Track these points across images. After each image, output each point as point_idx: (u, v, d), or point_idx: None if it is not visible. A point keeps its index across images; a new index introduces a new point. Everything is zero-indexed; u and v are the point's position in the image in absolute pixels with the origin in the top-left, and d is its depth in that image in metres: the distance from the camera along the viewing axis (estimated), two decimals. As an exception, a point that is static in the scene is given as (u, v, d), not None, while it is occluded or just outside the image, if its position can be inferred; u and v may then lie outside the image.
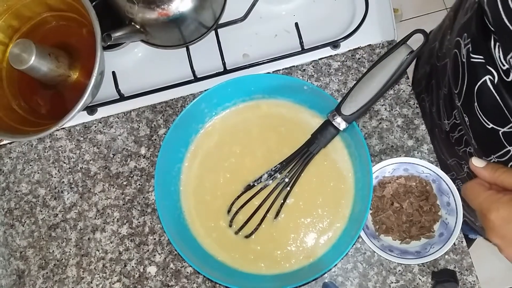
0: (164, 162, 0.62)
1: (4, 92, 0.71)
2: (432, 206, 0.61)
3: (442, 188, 0.61)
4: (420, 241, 0.61)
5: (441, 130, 0.67)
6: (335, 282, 0.62)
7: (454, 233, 0.58)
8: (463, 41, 0.53)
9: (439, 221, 0.62)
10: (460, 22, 0.56)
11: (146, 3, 0.60)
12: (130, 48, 0.74)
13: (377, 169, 0.61)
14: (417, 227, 0.61)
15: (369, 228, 0.62)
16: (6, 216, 0.71)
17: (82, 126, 0.72)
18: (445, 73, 0.62)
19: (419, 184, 0.62)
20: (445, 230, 0.60)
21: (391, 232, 0.62)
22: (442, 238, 0.60)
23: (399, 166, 0.62)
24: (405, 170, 0.63)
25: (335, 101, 0.59)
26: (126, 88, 0.71)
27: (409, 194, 0.62)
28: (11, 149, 0.73)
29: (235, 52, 0.71)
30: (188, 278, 0.65)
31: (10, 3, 0.69)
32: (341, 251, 0.57)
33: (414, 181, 0.62)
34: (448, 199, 0.60)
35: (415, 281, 0.62)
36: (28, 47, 0.63)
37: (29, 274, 0.68)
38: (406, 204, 0.61)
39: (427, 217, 0.61)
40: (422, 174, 0.62)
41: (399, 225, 0.61)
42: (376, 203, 0.63)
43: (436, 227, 0.61)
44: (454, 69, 0.56)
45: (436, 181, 0.61)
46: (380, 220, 0.62)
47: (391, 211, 0.61)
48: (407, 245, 0.62)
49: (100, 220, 0.69)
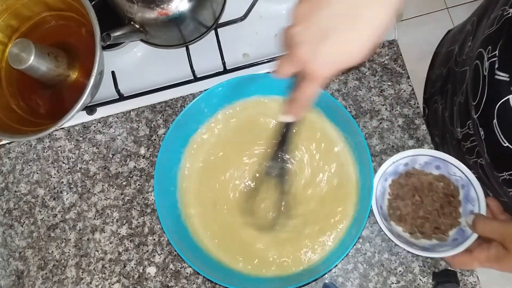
0: (164, 162, 0.61)
1: (3, 92, 0.71)
2: (454, 211, 0.59)
3: (470, 195, 0.58)
4: (430, 241, 0.59)
5: (453, 137, 0.66)
6: (335, 283, 0.62)
7: (469, 240, 0.55)
8: (487, 54, 0.51)
9: (457, 228, 0.59)
10: (484, 32, 0.54)
11: (145, 2, 0.60)
12: (130, 48, 0.73)
13: (408, 155, 0.60)
14: (431, 226, 0.59)
15: (383, 210, 0.60)
16: (5, 216, 0.71)
17: (81, 126, 0.72)
18: (463, 81, 0.60)
19: (446, 186, 0.60)
20: (460, 237, 0.58)
21: (404, 222, 0.60)
22: (455, 242, 0.57)
23: (432, 161, 0.60)
24: (437, 167, 0.60)
25: (335, 100, 0.59)
26: (125, 88, 0.71)
27: (434, 192, 0.60)
28: (10, 149, 0.73)
29: (235, 51, 0.71)
30: (188, 278, 0.65)
31: (9, 3, 0.69)
32: (342, 252, 0.56)
33: (443, 181, 0.60)
34: (473, 208, 0.58)
35: (415, 281, 0.61)
36: (27, 47, 0.63)
37: (28, 274, 0.68)
38: (428, 201, 0.59)
39: (445, 220, 0.59)
40: (453, 176, 0.60)
41: (414, 218, 0.59)
42: (397, 190, 0.61)
43: (451, 233, 0.59)
44: (474, 81, 0.54)
45: (466, 186, 0.59)
46: (396, 206, 0.60)
47: (410, 202, 0.60)
48: (416, 240, 0.60)
49: (99, 221, 0.68)
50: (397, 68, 0.68)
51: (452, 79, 0.67)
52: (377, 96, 0.67)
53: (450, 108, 0.67)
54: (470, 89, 0.56)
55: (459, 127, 0.62)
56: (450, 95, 0.67)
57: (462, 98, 0.60)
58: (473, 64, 0.55)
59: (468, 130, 0.59)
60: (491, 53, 0.50)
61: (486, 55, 0.51)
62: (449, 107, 0.67)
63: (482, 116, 0.53)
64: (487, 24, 0.55)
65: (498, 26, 0.51)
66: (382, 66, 0.68)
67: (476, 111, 0.54)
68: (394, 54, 0.68)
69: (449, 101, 0.68)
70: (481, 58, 0.53)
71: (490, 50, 0.51)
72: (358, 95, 0.68)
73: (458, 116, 0.63)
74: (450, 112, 0.67)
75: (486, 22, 0.56)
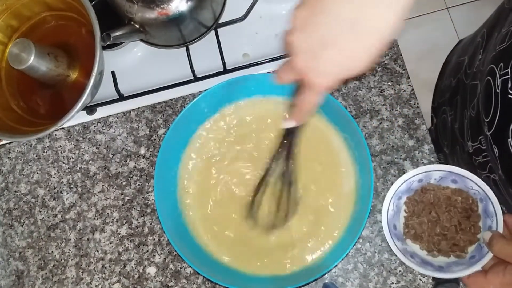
0: (164, 162, 0.61)
1: (3, 92, 0.71)
2: (473, 226, 0.57)
3: (488, 210, 0.56)
4: (448, 258, 0.58)
5: (463, 150, 0.64)
6: (335, 283, 0.62)
7: (485, 258, 0.54)
8: (499, 71, 0.50)
9: (476, 244, 0.57)
10: (496, 47, 0.53)
11: (145, 2, 0.60)
12: (130, 48, 0.73)
13: (422, 172, 0.58)
14: (449, 243, 0.57)
15: (397, 229, 0.59)
16: (5, 216, 0.71)
17: (81, 126, 0.72)
18: (474, 95, 0.58)
19: (464, 200, 0.58)
20: (478, 254, 0.56)
21: (420, 241, 0.58)
22: (472, 260, 0.55)
23: (448, 175, 0.58)
24: (453, 181, 0.59)
25: (335, 100, 0.59)
26: (125, 88, 0.71)
27: (451, 207, 0.58)
28: (10, 149, 0.73)
29: (235, 51, 0.71)
30: (188, 278, 0.65)
31: (9, 3, 0.69)
32: (342, 252, 0.56)
33: (461, 195, 0.58)
34: (491, 223, 0.56)
35: (415, 281, 0.61)
36: (27, 47, 0.63)
37: (28, 274, 0.68)
38: (445, 217, 0.57)
39: (464, 236, 0.57)
40: (471, 190, 0.58)
41: (430, 236, 0.58)
42: (413, 207, 0.59)
43: (470, 249, 0.57)
44: (486, 97, 0.53)
45: (484, 200, 0.57)
46: (411, 225, 0.59)
47: (426, 219, 0.58)
48: (433, 258, 0.58)
49: (99, 221, 0.68)
50: (397, 68, 0.68)
51: (462, 91, 0.66)
52: (377, 96, 0.67)
53: (460, 120, 0.65)
54: (482, 105, 0.55)
55: (470, 141, 0.61)
56: (460, 107, 0.66)
57: (473, 112, 0.59)
58: (485, 80, 0.53)
59: (480, 145, 0.57)
60: (503, 70, 0.49)
61: (498, 72, 0.50)
62: (459, 119, 0.66)
63: (496, 133, 0.51)
64: (498, 39, 0.54)
65: (509, 43, 0.50)
66: (382, 66, 0.68)
67: (490, 128, 0.52)
68: (394, 54, 0.68)
69: (459, 113, 0.66)
70: (492, 74, 0.51)
71: (502, 68, 0.49)
72: (358, 95, 0.68)
73: (469, 130, 0.61)
74: (460, 124, 0.65)
75: (497, 36, 0.55)
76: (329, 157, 0.63)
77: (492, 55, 0.54)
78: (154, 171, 0.61)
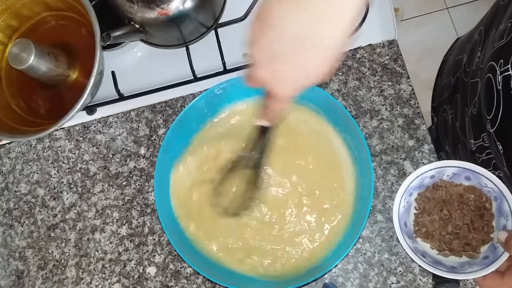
0: (164, 162, 0.61)
1: (3, 92, 0.71)
2: (486, 226, 0.55)
3: (503, 209, 0.54)
4: (460, 258, 0.55)
5: (465, 148, 0.64)
6: (335, 283, 0.62)
7: (500, 259, 0.51)
8: (499, 67, 0.50)
9: (489, 244, 0.55)
10: (494, 44, 0.53)
11: (145, 2, 0.60)
12: (130, 48, 0.73)
13: (435, 167, 0.56)
14: (461, 242, 0.55)
15: (407, 227, 0.57)
16: (5, 216, 0.71)
17: (81, 126, 0.72)
18: (475, 93, 0.58)
19: (478, 198, 0.56)
20: (492, 254, 0.53)
21: (431, 239, 0.56)
22: (485, 261, 0.53)
23: (461, 172, 0.56)
24: (467, 178, 0.57)
25: (335, 100, 0.59)
26: (125, 88, 0.71)
27: (464, 205, 0.56)
28: (10, 149, 0.73)
29: (235, 51, 0.71)
30: (188, 278, 0.65)
31: (9, 3, 0.69)
32: (342, 252, 0.56)
33: (474, 193, 0.56)
34: (506, 222, 0.54)
35: (415, 281, 0.61)
36: (27, 47, 0.63)
37: (28, 274, 0.68)
38: (457, 215, 0.55)
39: (476, 236, 0.55)
40: (485, 188, 0.56)
41: (442, 234, 0.56)
42: (423, 204, 0.57)
43: (483, 249, 0.55)
44: (488, 95, 0.53)
45: (499, 199, 0.55)
46: (422, 223, 0.57)
47: (437, 217, 0.56)
48: (445, 258, 0.56)
49: (99, 221, 0.68)
50: (397, 68, 0.68)
51: (461, 90, 0.66)
52: (377, 96, 0.67)
53: (461, 118, 0.65)
54: (484, 103, 0.54)
55: (473, 138, 0.60)
56: (460, 105, 0.66)
57: (474, 110, 0.59)
58: (485, 77, 0.53)
59: (483, 142, 0.57)
60: (503, 66, 0.49)
61: (498, 68, 0.50)
62: (460, 117, 0.66)
63: (500, 130, 0.51)
64: (496, 36, 0.54)
65: (508, 39, 0.50)
66: (382, 66, 0.68)
67: (492, 125, 0.52)
68: (394, 54, 0.68)
69: (459, 111, 0.66)
70: (493, 71, 0.51)
71: (502, 64, 0.49)
72: (358, 95, 0.68)
73: (470, 127, 0.61)
74: (461, 122, 0.65)
75: (495, 33, 0.55)
76: (329, 157, 0.63)
77: (491, 52, 0.54)
78: (154, 171, 0.61)
